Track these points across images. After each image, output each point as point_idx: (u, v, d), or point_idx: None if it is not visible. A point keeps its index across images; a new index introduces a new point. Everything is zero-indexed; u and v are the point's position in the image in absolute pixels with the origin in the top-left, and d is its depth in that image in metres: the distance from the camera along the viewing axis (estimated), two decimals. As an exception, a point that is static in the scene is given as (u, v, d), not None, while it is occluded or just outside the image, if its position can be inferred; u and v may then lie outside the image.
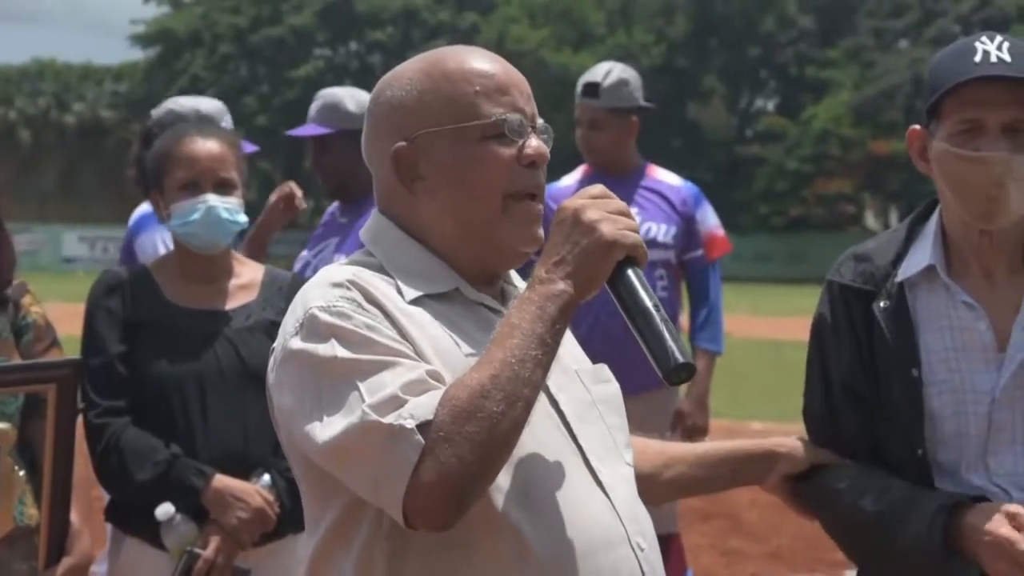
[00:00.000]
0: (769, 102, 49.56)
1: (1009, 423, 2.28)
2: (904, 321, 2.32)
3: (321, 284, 1.84)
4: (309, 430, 1.76)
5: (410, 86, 1.89)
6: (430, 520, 1.71)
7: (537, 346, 1.72)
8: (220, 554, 3.07)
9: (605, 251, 1.76)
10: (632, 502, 1.90)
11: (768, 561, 6.51)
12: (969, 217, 2.30)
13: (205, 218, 3.14)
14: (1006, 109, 2.23)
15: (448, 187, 1.87)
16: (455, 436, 1.68)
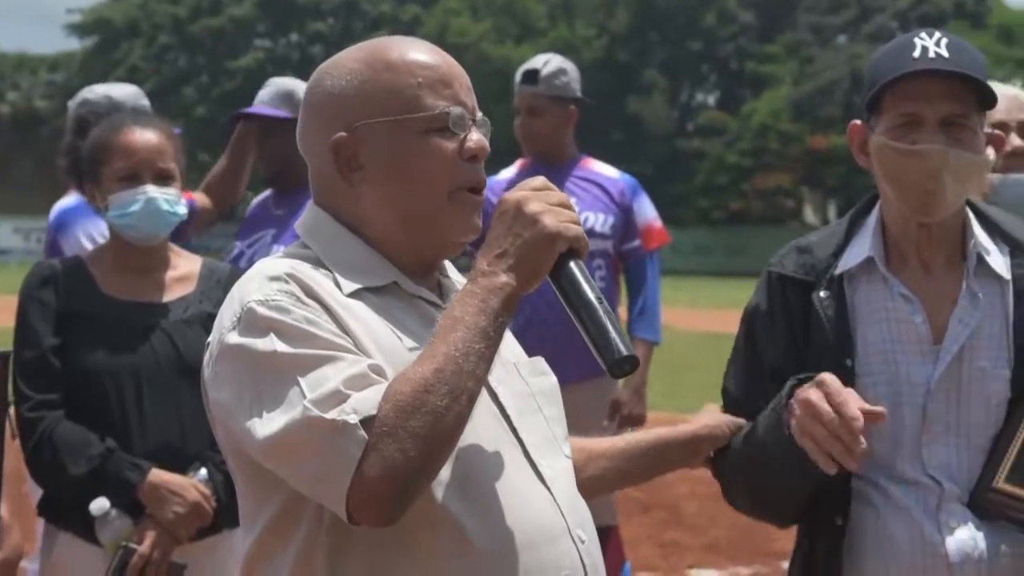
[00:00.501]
0: (710, 96, 49.88)
1: (943, 415, 2.30)
2: (842, 312, 2.34)
3: (258, 277, 1.81)
4: (248, 426, 1.73)
5: (351, 76, 1.87)
6: (374, 515, 1.70)
7: (480, 339, 1.72)
8: (156, 549, 3.04)
9: (547, 243, 1.75)
10: (572, 494, 1.90)
11: (706, 552, 6.55)
12: (907, 210, 2.33)
13: (145, 209, 3.11)
14: (943, 103, 2.26)
15: (389, 179, 1.85)
16: (399, 431, 1.67)
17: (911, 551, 2.26)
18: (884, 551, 2.28)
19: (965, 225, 2.37)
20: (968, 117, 2.28)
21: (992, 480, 2.27)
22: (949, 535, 2.26)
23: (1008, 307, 2.33)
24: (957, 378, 2.31)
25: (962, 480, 2.29)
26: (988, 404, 2.31)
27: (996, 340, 2.32)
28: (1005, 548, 2.27)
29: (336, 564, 1.77)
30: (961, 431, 2.31)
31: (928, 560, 2.26)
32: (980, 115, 2.31)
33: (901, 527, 2.27)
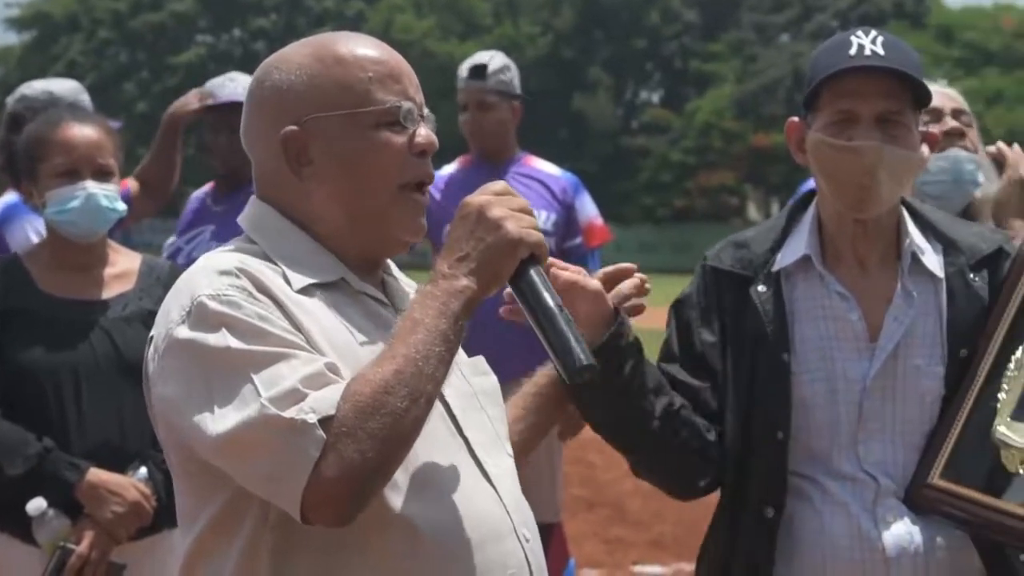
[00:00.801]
0: (654, 94, 50.11)
1: (879, 412, 2.33)
2: (779, 308, 2.36)
3: (208, 271, 1.79)
4: (198, 422, 1.71)
5: (300, 70, 1.86)
6: (330, 516, 1.68)
7: (440, 342, 1.71)
8: (94, 549, 3.01)
9: (510, 249, 1.76)
10: (516, 493, 1.91)
11: (650, 549, 6.58)
12: (842, 206, 2.36)
13: (85, 206, 3.08)
14: (878, 100, 2.29)
15: (339, 173, 1.84)
16: (358, 432, 1.66)
17: (849, 546, 2.29)
18: (821, 546, 2.30)
19: (900, 223, 2.40)
20: (903, 114, 2.31)
21: (927, 476, 2.31)
22: (886, 530, 2.29)
23: (942, 305, 2.37)
24: (892, 375, 2.34)
25: (898, 476, 2.32)
26: (923, 401, 2.34)
27: (930, 338, 2.36)
28: (940, 542, 2.31)
29: (281, 563, 1.76)
30: (896, 428, 2.34)
31: (866, 555, 2.28)
32: (915, 113, 2.34)
33: (839, 522, 2.30)
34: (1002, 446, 2.24)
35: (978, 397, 2.32)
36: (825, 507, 2.31)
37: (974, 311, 2.36)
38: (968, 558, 2.32)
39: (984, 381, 2.33)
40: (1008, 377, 2.30)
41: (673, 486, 2.42)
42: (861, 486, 2.31)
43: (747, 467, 2.35)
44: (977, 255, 2.39)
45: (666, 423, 2.29)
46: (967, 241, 2.41)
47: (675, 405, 2.31)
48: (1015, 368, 2.30)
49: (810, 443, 2.34)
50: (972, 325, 2.35)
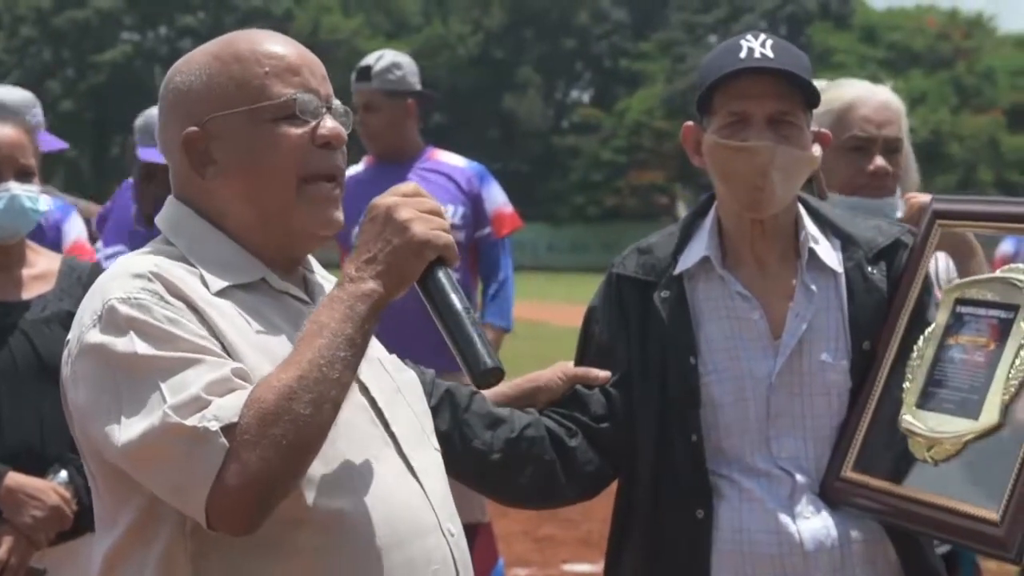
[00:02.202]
0: (584, 93, 50.31)
1: (787, 407, 2.37)
2: (683, 311, 2.40)
3: (121, 275, 1.77)
4: (107, 430, 1.70)
5: (199, 70, 1.86)
6: (234, 524, 1.68)
7: (346, 347, 1.70)
8: (13, 555, 2.98)
9: (417, 251, 1.75)
10: (442, 488, 1.91)
11: (580, 547, 6.60)
12: (738, 207, 2.40)
13: (9, 207, 3.05)
14: (769, 102, 2.33)
15: (241, 171, 1.83)
16: (261, 439, 1.64)
17: (767, 541, 2.32)
18: (741, 542, 2.33)
19: (797, 221, 2.44)
20: (794, 115, 2.34)
21: (840, 469, 2.34)
22: (804, 524, 2.32)
23: (842, 299, 2.41)
24: (799, 371, 2.37)
25: (811, 470, 2.36)
26: (829, 395, 2.38)
27: (833, 332, 2.39)
28: (856, 535, 2.34)
29: (200, 567, 1.75)
30: (806, 423, 2.37)
31: (784, 549, 2.31)
32: (807, 113, 2.38)
33: (756, 518, 2.33)
34: (909, 435, 2.27)
35: (884, 388, 2.36)
36: (743, 504, 2.34)
37: (874, 303, 2.40)
38: (883, 549, 2.36)
39: (888, 372, 2.36)
40: (911, 366, 2.34)
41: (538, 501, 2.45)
42: (776, 482, 2.34)
43: (665, 470, 2.37)
44: (875, 248, 2.44)
45: (509, 451, 2.32)
46: (864, 235, 2.45)
47: (515, 430, 2.34)
48: (917, 357, 2.34)
49: (721, 442, 2.37)
50: (873, 317, 2.40)
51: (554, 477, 2.36)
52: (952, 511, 2.18)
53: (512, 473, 2.32)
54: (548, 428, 2.37)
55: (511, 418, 2.35)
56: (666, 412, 2.37)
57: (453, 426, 2.28)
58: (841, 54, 40.61)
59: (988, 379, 2.21)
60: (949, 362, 2.29)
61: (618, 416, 2.40)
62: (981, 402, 2.20)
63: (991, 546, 2.14)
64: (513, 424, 2.34)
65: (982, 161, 39.89)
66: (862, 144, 2.96)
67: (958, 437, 2.20)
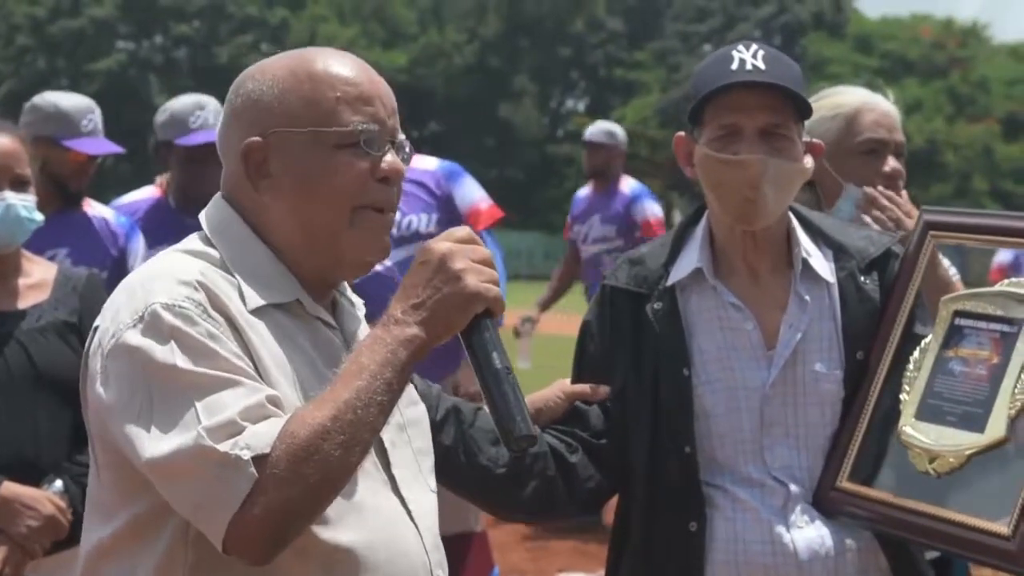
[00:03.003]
0: (579, 102, 50.34)
1: (781, 417, 2.37)
2: (675, 322, 2.40)
3: (166, 277, 1.76)
4: (135, 436, 1.69)
5: (273, 82, 1.85)
6: (250, 553, 1.67)
7: (384, 391, 1.70)
8: (8, 564, 2.97)
9: (466, 303, 1.74)
10: (435, 531, 1.91)
11: (575, 556, 6.59)
12: (730, 219, 2.40)
13: (4, 216, 3.05)
14: (761, 114, 2.33)
15: (295, 190, 1.82)
16: (289, 475, 1.64)
17: (762, 551, 2.32)
18: (735, 552, 2.33)
19: (790, 232, 2.45)
20: (786, 127, 2.35)
21: (835, 480, 2.35)
22: (798, 534, 2.33)
23: (836, 309, 2.42)
24: (792, 381, 2.38)
25: (805, 480, 2.36)
26: (823, 405, 2.38)
27: (827, 342, 2.40)
28: (850, 544, 2.35)
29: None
30: (800, 432, 2.38)
31: (779, 559, 2.32)
32: (798, 125, 2.38)
33: (751, 528, 2.33)
34: (909, 447, 2.28)
35: (878, 399, 2.36)
36: (737, 514, 2.34)
37: (867, 313, 2.41)
38: (875, 558, 2.37)
39: (883, 383, 2.37)
40: (908, 378, 2.34)
41: (539, 515, 2.46)
42: (770, 492, 2.35)
43: (659, 482, 2.37)
44: (867, 258, 2.44)
45: (513, 466, 2.33)
46: (856, 245, 2.46)
47: None
48: (914, 368, 2.34)
49: (715, 453, 2.37)
50: (866, 327, 2.41)
51: (556, 492, 2.36)
52: (960, 524, 2.18)
53: (515, 488, 2.33)
54: (550, 444, 2.38)
55: None
56: (659, 423, 2.37)
57: (458, 441, 2.29)
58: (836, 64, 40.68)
59: (993, 393, 2.22)
60: (949, 374, 2.29)
61: (617, 430, 2.41)
62: (986, 416, 2.21)
63: (1003, 560, 2.14)
64: None
65: (977, 170, 39.95)
66: (876, 147, 2.97)
67: (962, 450, 2.21)
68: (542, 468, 2.35)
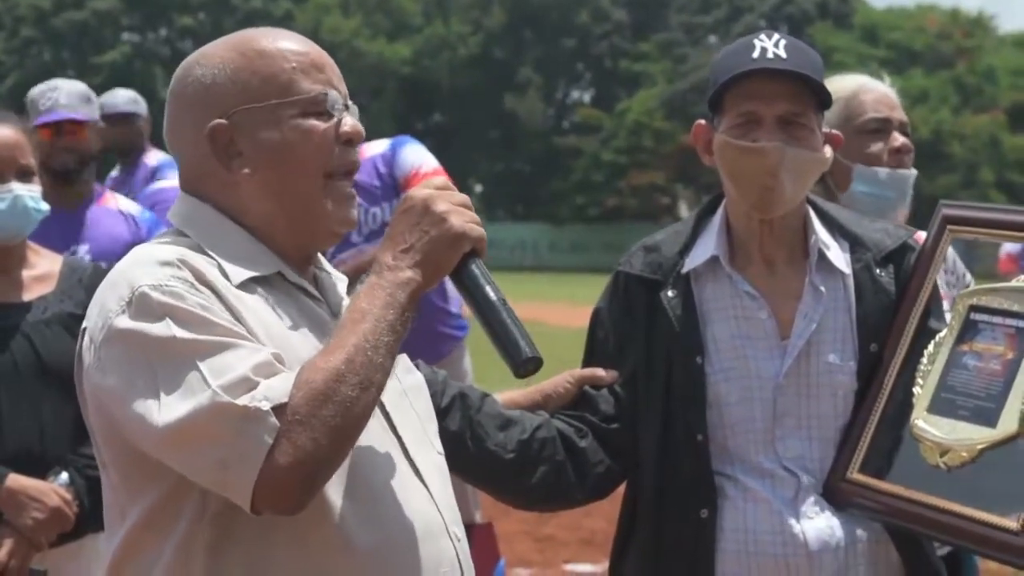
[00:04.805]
0: (585, 94, 50.30)
1: (794, 408, 2.36)
2: (690, 310, 2.39)
3: (147, 262, 1.77)
4: (143, 412, 1.69)
5: (223, 64, 1.86)
6: (282, 503, 1.68)
7: (388, 332, 1.72)
8: (13, 557, 2.97)
9: (453, 242, 1.78)
10: (447, 491, 1.91)
11: (582, 547, 6.59)
12: (747, 206, 2.39)
13: (12, 208, 3.05)
14: (780, 103, 2.32)
15: (268, 163, 1.84)
16: (311, 420, 1.66)
17: (772, 541, 2.32)
18: (745, 542, 2.32)
19: (806, 222, 2.44)
20: (806, 116, 2.34)
21: (845, 471, 2.34)
22: (808, 524, 2.32)
23: (850, 301, 2.40)
24: (806, 372, 2.37)
25: (815, 471, 2.35)
26: (835, 396, 2.37)
27: (841, 333, 2.39)
28: (860, 535, 2.34)
29: (216, 558, 1.74)
30: (812, 423, 2.37)
31: (789, 550, 2.31)
32: (818, 114, 2.37)
33: (761, 519, 2.32)
34: (920, 440, 2.27)
35: (891, 391, 2.36)
36: (747, 504, 2.33)
37: (882, 306, 2.40)
38: (886, 550, 2.36)
39: (896, 375, 2.36)
40: (921, 371, 2.34)
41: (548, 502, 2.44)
42: (781, 482, 2.34)
43: (669, 470, 2.37)
44: (883, 250, 2.43)
45: (521, 451, 2.32)
46: (872, 237, 2.45)
47: (527, 431, 2.34)
48: (928, 362, 2.34)
49: (727, 442, 2.36)
50: (881, 320, 2.39)
51: (565, 478, 2.35)
52: (969, 518, 2.18)
53: (524, 474, 2.32)
54: (559, 429, 2.37)
55: (522, 419, 2.35)
56: (671, 411, 2.37)
57: (465, 427, 2.28)
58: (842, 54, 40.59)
59: (1006, 388, 2.22)
60: (963, 368, 2.29)
61: (627, 416, 2.40)
62: (999, 410, 2.20)
63: (1010, 554, 2.14)
64: (524, 425, 2.34)
65: (983, 161, 39.89)
66: (880, 125, 2.98)
67: (973, 444, 2.20)
68: (551, 453, 2.34)
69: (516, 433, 2.32)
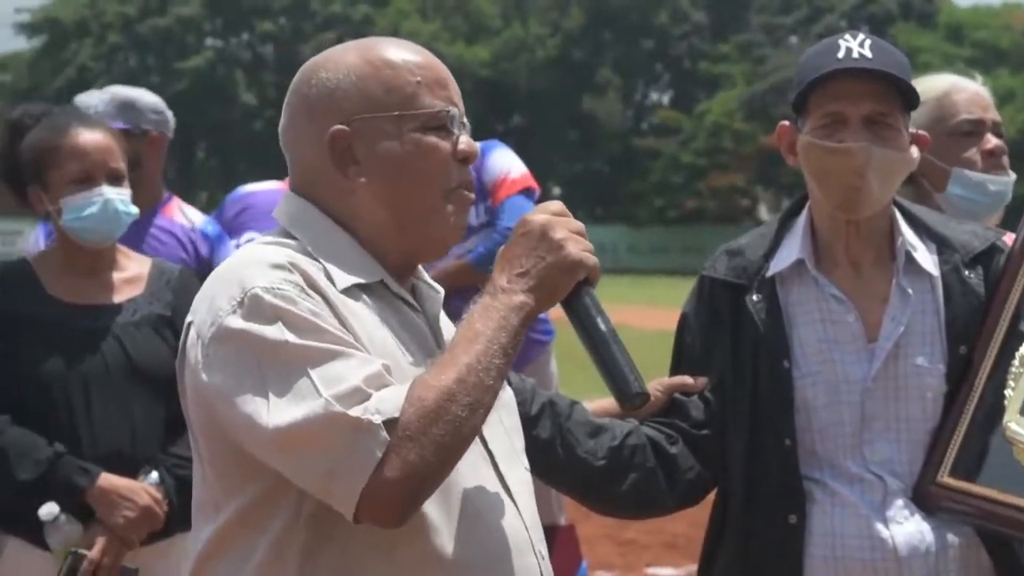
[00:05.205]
0: (663, 95, 50.08)
1: (882, 411, 2.34)
2: (775, 314, 2.38)
3: (258, 263, 1.78)
4: (251, 412, 1.70)
5: (347, 71, 1.87)
6: (385, 516, 1.69)
7: (500, 355, 1.73)
8: (106, 555, 3.01)
9: (569, 269, 1.78)
10: (533, 508, 1.91)
11: (664, 551, 6.57)
12: (833, 208, 2.37)
13: (103, 211, 3.08)
14: (866, 102, 2.30)
15: (385, 174, 1.85)
16: (421, 437, 1.67)
17: (860, 546, 2.29)
18: (833, 547, 2.30)
19: (893, 224, 2.41)
20: (892, 116, 2.32)
21: (936, 475, 2.31)
22: (897, 529, 2.29)
23: (939, 302, 2.38)
24: (894, 375, 2.34)
25: (904, 475, 2.33)
26: (924, 399, 2.35)
27: (929, 336, 2.36)
28: (951, 540, 2.31)
29: (310, 561, 1.75)
30: (900, 427, 2.34)
31: (877, 555, 2.29)
32: (905, 115, 2.35)
33: (849, 524, 2.30)
34: (1014, 442, 2.24)
35: (982, 394, 2.33)
36: (835, 509, 2.31)
37: (971, 308, 2.37)
38: (977, 554, 2.33)
39: (987, 378, 2.33)
40: (1013, 374, 2.31)
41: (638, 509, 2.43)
42: (869, 487, 2.32)
43: (758, 475, 2.35)
44: (971, 252, 2.40)
45: (612, 458, 2.32)
46: (960, 239, 2.41)
47: (617, 438, 2.33)
48: (1020, 365, 2.31)
49: (815, 446, 2.34)
50: (970, 322, 2.36)
51: (655, 484, 2.35)
52: None
53: (615, 481, 2.32)
54: (649, 436, 2.37)
55: (612, 427, 2.34)
56: (759, 416, 2.35)
57: (555, 434, 2.28)
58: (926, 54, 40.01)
59: None
60: None
61: (716, 421, 2.39)
62: None
63: None
64: (615, 432, 2.33)
65: (1071, 161, 39.08)
66: (973, 127, 2.91)
67: None
68: (641, 460, 2.33)
69: (606, 440, 2.32)
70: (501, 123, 44.63)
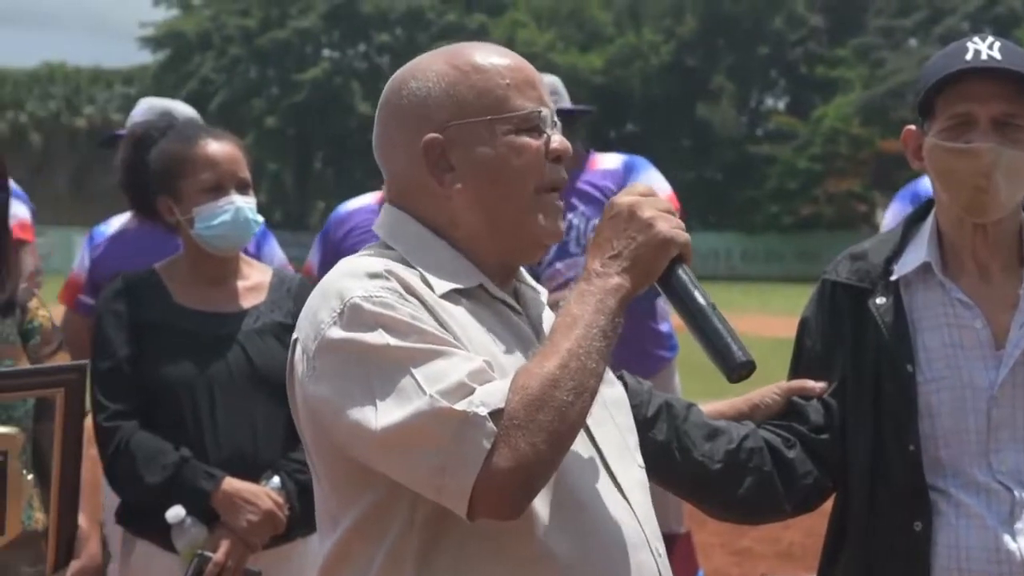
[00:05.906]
0: (779, 101, 49.47)
1: (1009, 420, 2.28)
2: (900, 318, 2.33)
3: (356, 274, 1.81)
4: (359, 419, 1.72)
5: (438, 78, 1.88)
6: (501, 507, 1.69)
7: (600, 338, 1.73)
8: (230, 557, 3.07)
9: (661, 247, 1.79)
10: (647, 506, 1.90)
11: (779, 560, 6.49)
12: (960, 210, 2.32)
13: (234, 219, 3.15)
14: (994, 103, 2.25)
15: (481, 178, 1.86)
16: (529, 424, 1.67)
17: (986, 559, 2.24)
18: (958, 559, 2.26)
19: (1022, 229, 2.35)
20: (1021, 118, 2.26)
21: None
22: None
23: None
24: (1022, 383, 2.29)
25: None
26: None
27: None
28: None
29: (424, 566, 1.77)
30: None
31: (1004, 568, 2.24)
32: None
33: (975, 535, 2.25)
34: None
35: None
36: (960, 520, 2.27)
37: None
38: None
39: None
40: None
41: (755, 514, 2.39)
42: (996, 497, 2.26)
43: (881, 481, 2.31)
44: None
45: (729, 461, 2.28)
46: None
47: (734, 441, 2.30)
48: None
49: (939, 453, 2.29)
50: None
51: (773, 488, 2.31)
52: None
53: (731, 484, 2.29)
54: (766, 439, 2.33)
55: (729, 429, 2.32)
56: (882, 421, 2.31)
57: (671, 437, 2.26)
58: (1051, 55, 38.98)
59: None
60: None
61: (836, 426, 2.35)
62: None
63: None
64: (731, 435, 2.31)
65: None
66: None
67: None
68: (759, 463, 2.30)
69: (723, 443, 2.29)
70: (614, 130, 44.53)
